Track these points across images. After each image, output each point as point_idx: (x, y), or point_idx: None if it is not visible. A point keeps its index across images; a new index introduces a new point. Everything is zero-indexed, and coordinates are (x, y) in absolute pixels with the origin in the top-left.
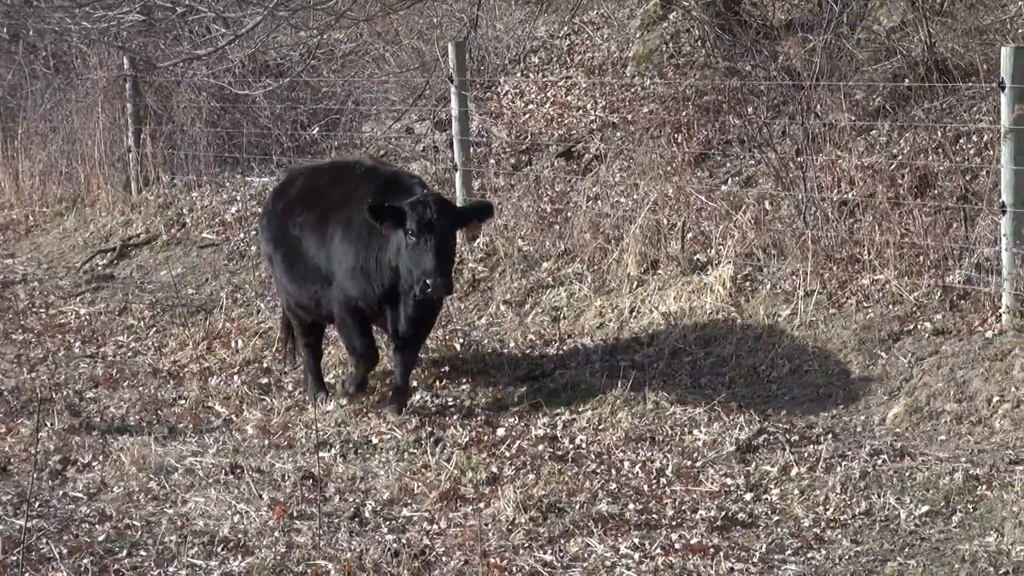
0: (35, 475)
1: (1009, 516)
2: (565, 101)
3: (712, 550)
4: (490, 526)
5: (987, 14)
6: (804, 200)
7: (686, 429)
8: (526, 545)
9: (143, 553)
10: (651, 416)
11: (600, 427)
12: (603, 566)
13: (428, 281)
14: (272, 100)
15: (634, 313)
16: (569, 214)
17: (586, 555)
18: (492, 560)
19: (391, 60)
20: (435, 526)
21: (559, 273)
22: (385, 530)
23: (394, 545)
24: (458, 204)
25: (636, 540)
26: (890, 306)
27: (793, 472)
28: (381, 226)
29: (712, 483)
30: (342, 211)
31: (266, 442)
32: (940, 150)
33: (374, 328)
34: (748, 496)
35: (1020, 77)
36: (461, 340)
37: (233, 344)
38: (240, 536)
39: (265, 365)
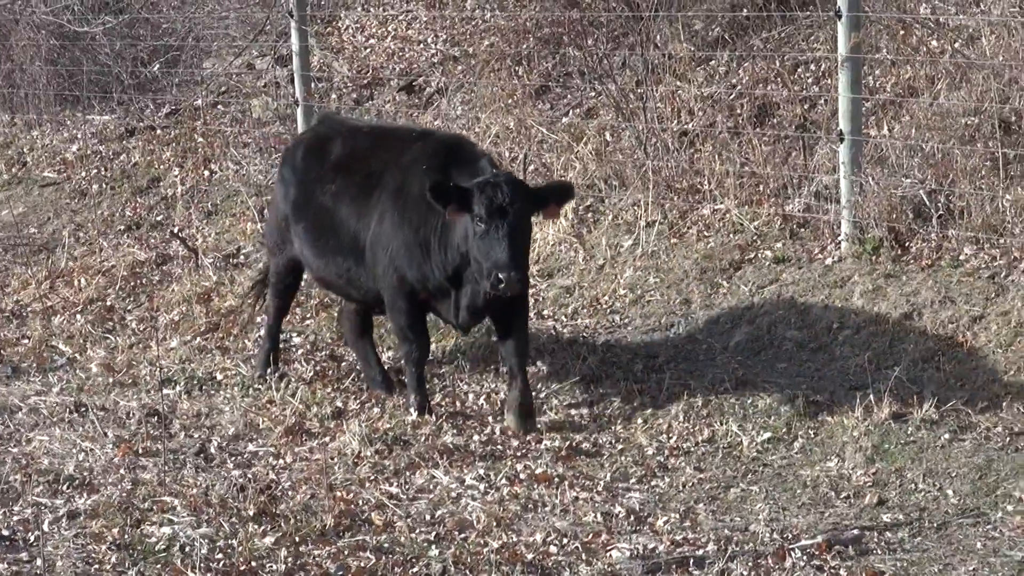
0: None
1: (850, 441)
2: (406, 35)
3: (557, 479)
4: (336, 460)
5: None
6: (644, 131)
7: (530, 360)
8: (372, 478)
9: None
10: (494, 347)
11: (444, 359)
12: (448, 497)
13: (500, 275)
14: (112, 37)
15: None
16: None
17: (432, 487)
18: (338, 494)
19: None
20: (281, 461)
21: None
22: (231, 466)
23: (240, 480)
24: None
25: (481, 471)
26: (731, 235)
27: (636, 401)
28: (445, 209)
29: (556, 413)
30: (390, 177)
31: (110, 380)
32: (779, 79)
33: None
34: (592, 426)
35: (856, 6)
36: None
37: (76, 283)
38: (85, 474)
39: (109, 303)
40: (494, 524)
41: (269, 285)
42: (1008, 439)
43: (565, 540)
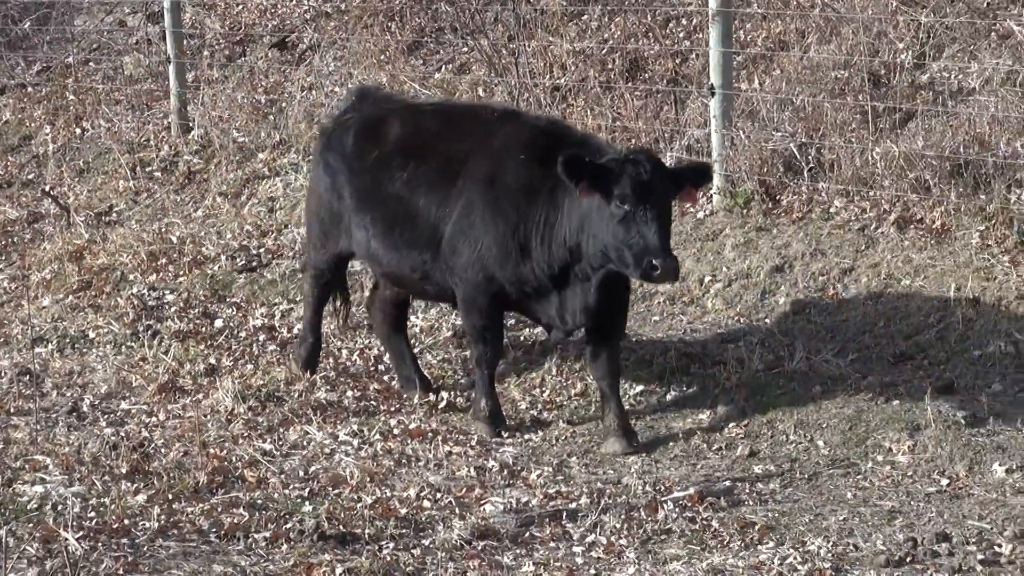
0: None
1: (722, 393)
2: None
3: (431, 434)
4: (209, 417)
5: None
6: (517, 86)
7: (412, 321)
8: (245, 435)
9: None
10: (367, 303)
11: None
12: (322, 453)
13: (655, 262)
14: None
15: None
16: (284, 104)
17: (305, 443)
18: (211, 451)
19: None
20: (154, 418)
21: (275, 164)
22: (104, 424)
23: (113, 438)
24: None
25: (355, 427)
26: None
27: (510, 356)
28: (576, 185)
29: (430, 369)
30: (479, 165)
31: None
32: (650, 34)
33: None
34: (465, 380)
35: None
36: (178, 233)
37: None
38: None
39: None
40: (368, 479)
41: (308, 279)
42: (878, 390)
43: (439, 495)
